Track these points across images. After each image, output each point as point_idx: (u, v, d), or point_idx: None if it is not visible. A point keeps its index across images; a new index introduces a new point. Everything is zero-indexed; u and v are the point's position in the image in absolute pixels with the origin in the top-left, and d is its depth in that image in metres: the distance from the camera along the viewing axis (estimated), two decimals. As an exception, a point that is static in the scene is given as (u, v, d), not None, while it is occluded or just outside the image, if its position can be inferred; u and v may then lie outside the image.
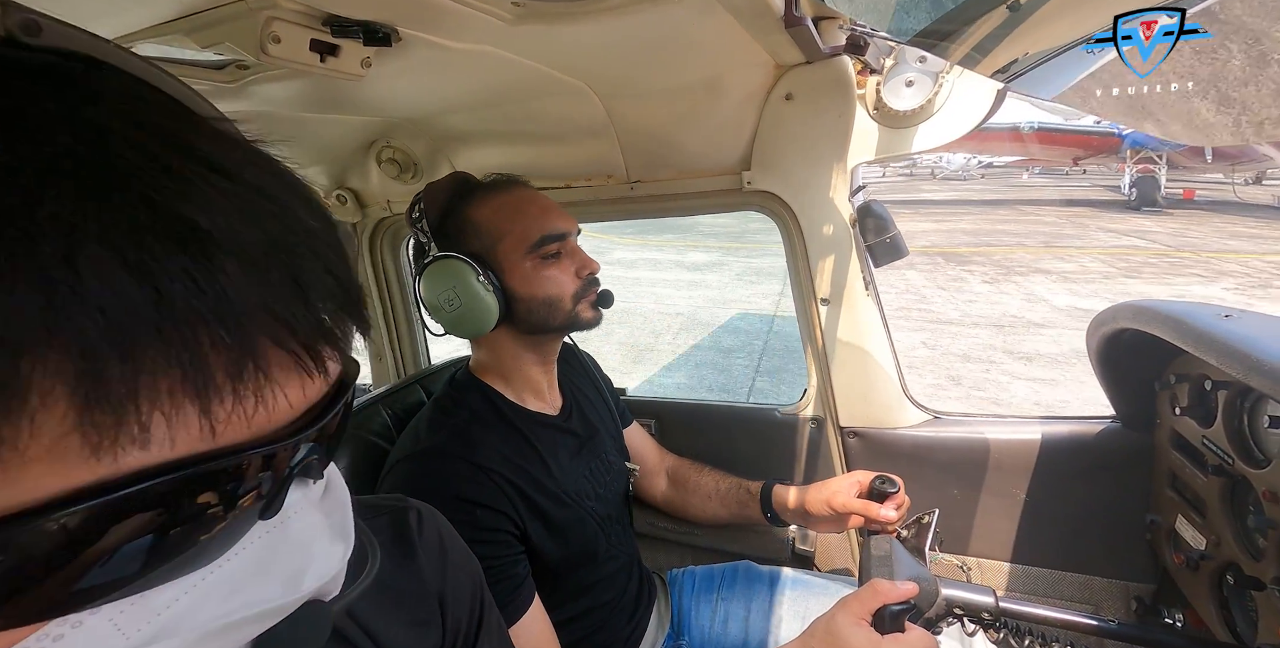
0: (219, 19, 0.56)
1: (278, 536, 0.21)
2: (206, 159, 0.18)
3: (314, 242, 0.20)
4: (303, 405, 0.21)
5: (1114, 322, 0.81)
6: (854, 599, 0.55)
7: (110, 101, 0.18)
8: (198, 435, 0.17)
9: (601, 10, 0.64)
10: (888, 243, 1.00)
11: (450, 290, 0.73)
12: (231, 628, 0.19)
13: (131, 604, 0.18)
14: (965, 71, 0.87)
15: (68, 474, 0.15)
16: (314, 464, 0.22)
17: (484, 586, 0.45)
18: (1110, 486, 0.96)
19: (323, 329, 0.20)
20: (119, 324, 0.15)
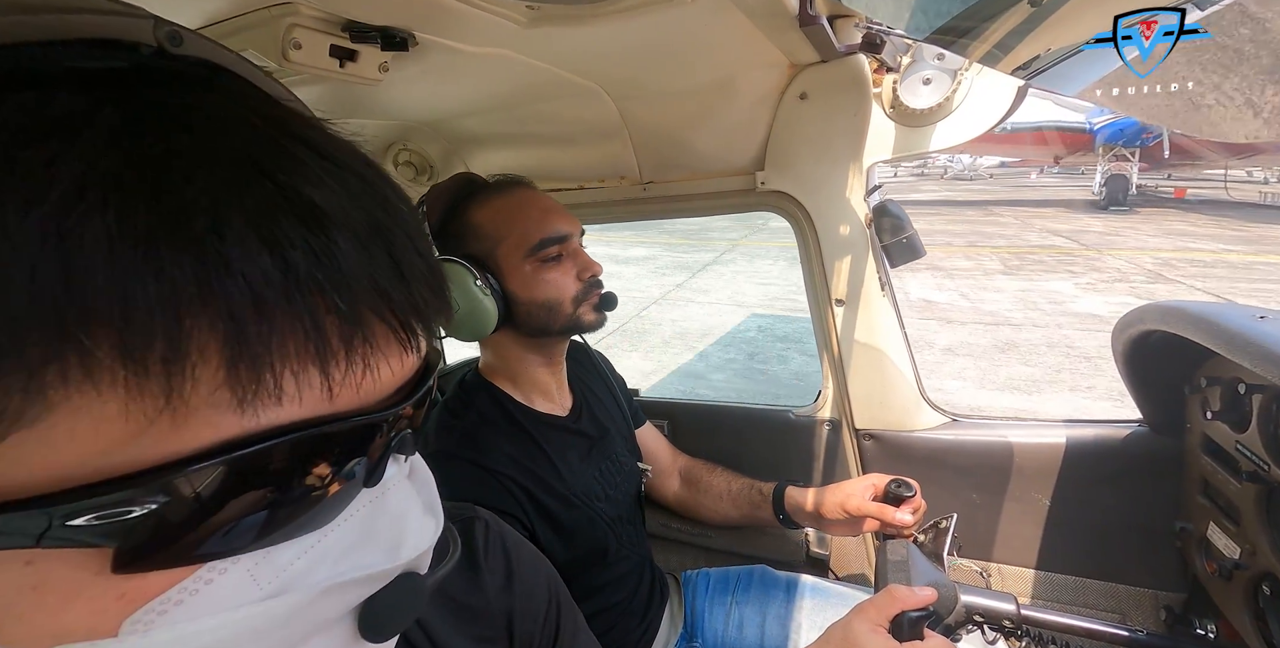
0: (242, 27, 0.58)
1: (379, 506, 0.23)
2: (316, 147, 0.21)
3: (404, 223, 0.22)
4: (399, 380, 0.23)
5: (1141, 323, 0.79)
6: (870, 605, 0.54)
7: (238, 98, 0.21)
8: (320, 397, 0.19)
9: (615, 12, 0.65)
10: (904, 243, 0.99)
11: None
12: (342, 589, 0.21)
13: (264, 558, 0.20)
14: (985, 68, 0.86)
15: (220, 426, 0.18)
16: (408, 439, 0.24)
17: (559, 591, 0.45)
18: (1137, 491, 0.94)
19: (414, 304, 0.22)
20: (257, 290, 0.17)
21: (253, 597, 0.19)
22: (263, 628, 0.19)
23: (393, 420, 0.22)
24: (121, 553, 0.17)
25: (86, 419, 0.16)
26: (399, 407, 0.22)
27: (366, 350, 0.20)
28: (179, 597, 0.18)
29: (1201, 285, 6.11)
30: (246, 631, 0.19)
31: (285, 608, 0.20)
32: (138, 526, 0.17)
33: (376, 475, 0.23)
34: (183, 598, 0.18)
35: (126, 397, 0.16)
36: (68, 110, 0.17)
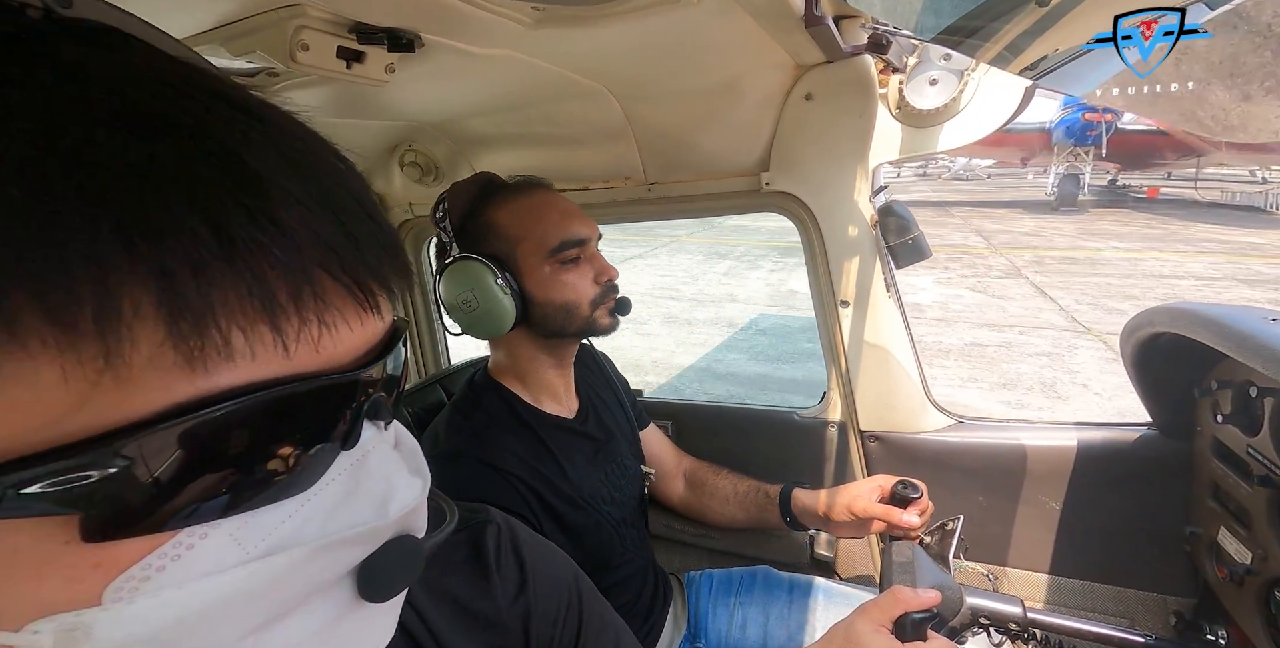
0: (251, 28, 0.58)
1: (360, 468, 0.23)
2: (238, 105, 0.20)
3: (346, 183, 0.22)
4: (365, 343, 0.23)
5: (1150, 326, 0.78)
6: (874, 606, 0.54)
7: (142, 56, 0.20)
8: (275, 354, 0.19)
9: (620, 13, 0.65)
10: (910, 244, 0.98)
11: (469, 291, 0.73)
12: (333, 548, 0.21)
13: (247, 522, 0.20)
14: (992, 68, 0.85)
15: (172, 389, 0.17)
16: (381, 402, 0.24)
17: (579, 587, 0.45)
18: (1146, 495, 0.93)
19: (367, 263, 0.22)
20: (185, 244, 0.17)
21: (238, 559, 0.19)
22: (256, 589, 0.19)
23: (361, 383, 0.23)
24: (88, 521, 0.17)
25: (25, 387, 0.16)
26: (364, 369, 0.22)
27: (319, 307, 0.20)
28: (160, 563, 0.18)
29: (1040, 279, 6.66)
30: (239, 593, 0.19)
31: (276, 569, 0.20)
32: (98, 492, 0.17)
33: (353, 439, 0.23)
34: (164, 564, 0.18)
35: (62, 360, 0.16)
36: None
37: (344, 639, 0.23)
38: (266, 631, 0.20)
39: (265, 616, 0.20)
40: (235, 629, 0.19)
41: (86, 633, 0.17)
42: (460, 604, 0.38)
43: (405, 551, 0.24)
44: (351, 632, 0.23)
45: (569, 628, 0.43)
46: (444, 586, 0.38)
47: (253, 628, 0.20)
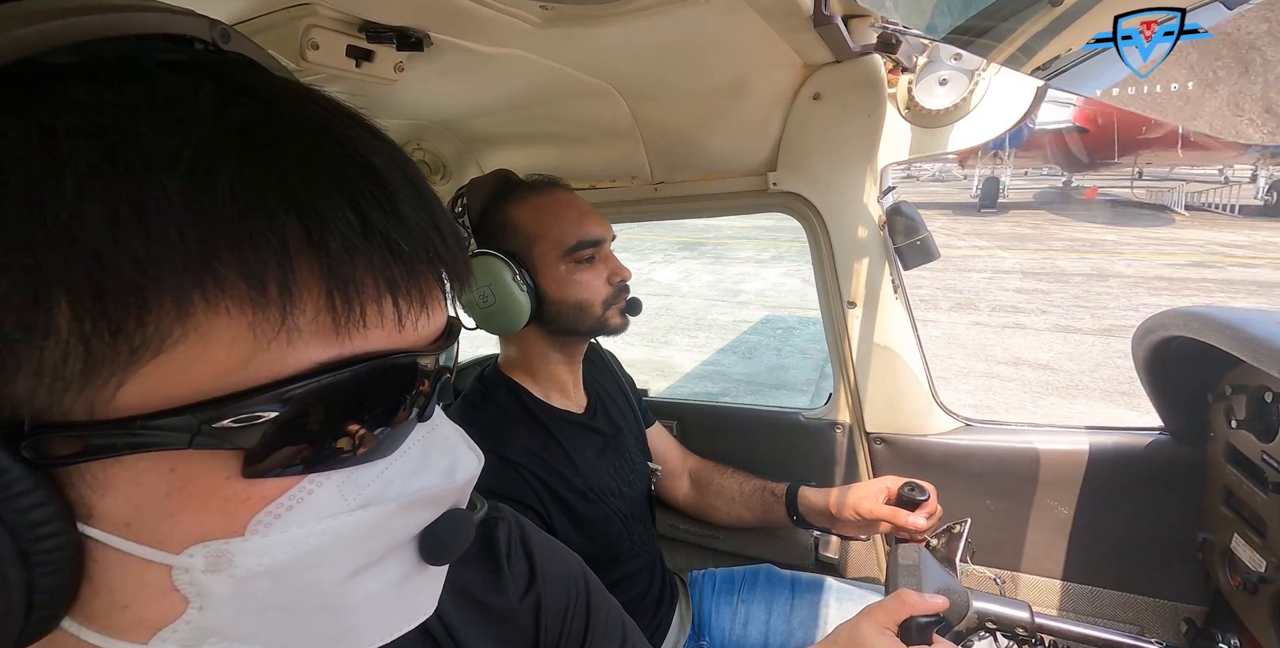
0: (261, 27, 0.59)
1: (432, 438, 0.27)
2: (359, 121, 0.25)
3: (427, 185, 0.26)
4: (439, 328, 0.26)
5: (1162, 329, 0.77)
6: (879, 608, 0.54)
7: (292, 82, 0.25)
8: (392, 328, 0.23)
9: (628, 12, 0.65)
10: (918, 245, 0.98)
11: (486, 287, 0.74)
12: (412, 506, 0.24)
13: (349, 477, 0.23)
14: (1003, 68, 0.84)
15: (324, 349, 0.21)
16: (448, 383, 0.28)
17: (587, 584, 0.46)
18: (1157, 500, 0.91)
19: (451, 256, 0.25)
20: (343, 234, 0.21)
21: (341, 509, 0.22)
22: (352, 537, 0.22)
23: (436, 363, 0.26)
24: (250, 459, 0.20)
25: (222, 341, 0.19)
26: (443, 349, 0.26)
27: (422, 290, 0.24)
28: (289, 503, 0.21)
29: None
30: (341, 538, 0.22)
31: (370, 519, 0.23)
32: (264, 433, 0.20)
33: (429, 410, 0.26)
34: (291, 505, 0.21)
35: (252, 318, 0.19)
36: (177, 89, 0.20)
37: (406, 598, 0.26)
38: (356, 578, 0.23)
39: (357, 563, 0.23)
40: (335, 572, 0.22)
41: (229, 560, 0.20)
42: (473, 598, 0.40)
43: (461, 520, 0.27)
44: (412, 592, 0.26)
45: (577, 621, 0.44)
46: (457, 579, 0.40)
47: (348, 573, 0.23)
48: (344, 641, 0.23)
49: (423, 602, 0.27)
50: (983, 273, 7.08)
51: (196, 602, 0.21)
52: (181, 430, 0.19)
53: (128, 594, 0.20)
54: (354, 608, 0.23)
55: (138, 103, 0.19)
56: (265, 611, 0.21)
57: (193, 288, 0.19)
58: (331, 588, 0.22)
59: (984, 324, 5.06)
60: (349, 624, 0.23)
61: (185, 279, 0.19)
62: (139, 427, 0.19)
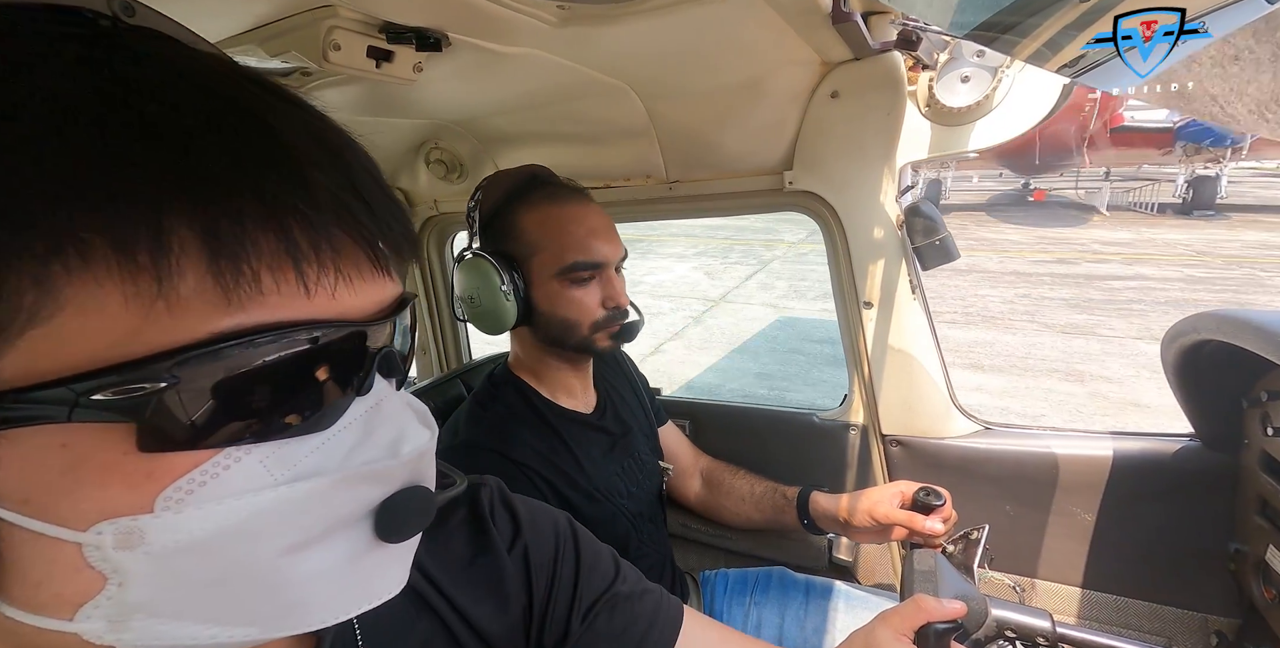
0: (286, 29, 0.60)
1: (375, 414, 0.26)
2: (269, 88, 0.24)
3: (358, 156, 0.25)
4: (377, 301, 0.26)
5: (1194, 332, 0.74)
6: (895, 614, 0.53)
7: (190, 50, 0.24)
8: (298, 296, 0.22)
9: (645, 11, 0.65)
10: (937, 245, 0.96)
11: (474, 289, 0.75)
12: (353, 482, 0.24)
13: (274, 451, 0.23)
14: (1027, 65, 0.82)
15: (212, 320, 0.20)
16: (393, 357, 0.27)
17: (572, 529, 0.47)
18: (1187, 509, 0.89)
19: (378, 225, 0.24)
20: (229, 198, 0.20)
21: (267, 483, 0.22)
22: (284, 512, 0.22)
23: (373, 334, 0.25)
24: (143, 433, 0.20)
25: (95, 313, 0.19)
26: (378, 322, 0.25)
27: (335, 257, 0.23)
28: (202, 479, 0.21)
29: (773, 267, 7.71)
30: (269, 513, 0.22)
31: (301, 495, 0.22)
32: (151, 405, 0.20)
33: (367, 385, 0.26)
34: (205, 480, 0.21)
35: (123, 288, 0.19)
36: (40, 47, 0.20)
37: (362, 577, 0.25)
38: (295, 554, 0.23)
39: (293, 539, 0.23)
40: (268, 548, 0.22)
41: (141, 536, 0.20)
42: (464, 562, 0.41)
43: (418, 497, 0.26)
44: (368, 571, 0.25)
45: (567, 566, 0.45)
46: (448, 548, 0.41)
47: (283, 549, 0.22)
48: (289, 617, 0.23)
49: (384, 581, 0.26)
50: None
51: (115, 578, 0.20)
52: (58, 403, 0.19)
53: (39, 572, 0.20)
54: (297, 584, 0.23)
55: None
56: (194, 586, 0.21)
57: (50, 258, 0.18)
58: (267, 564, 0.22)
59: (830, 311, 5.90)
60: (292, 600, 0.23)
61: (40, 249, 0.18)
62: (11, 400, 0.18)
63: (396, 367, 0.28)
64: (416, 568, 0.38)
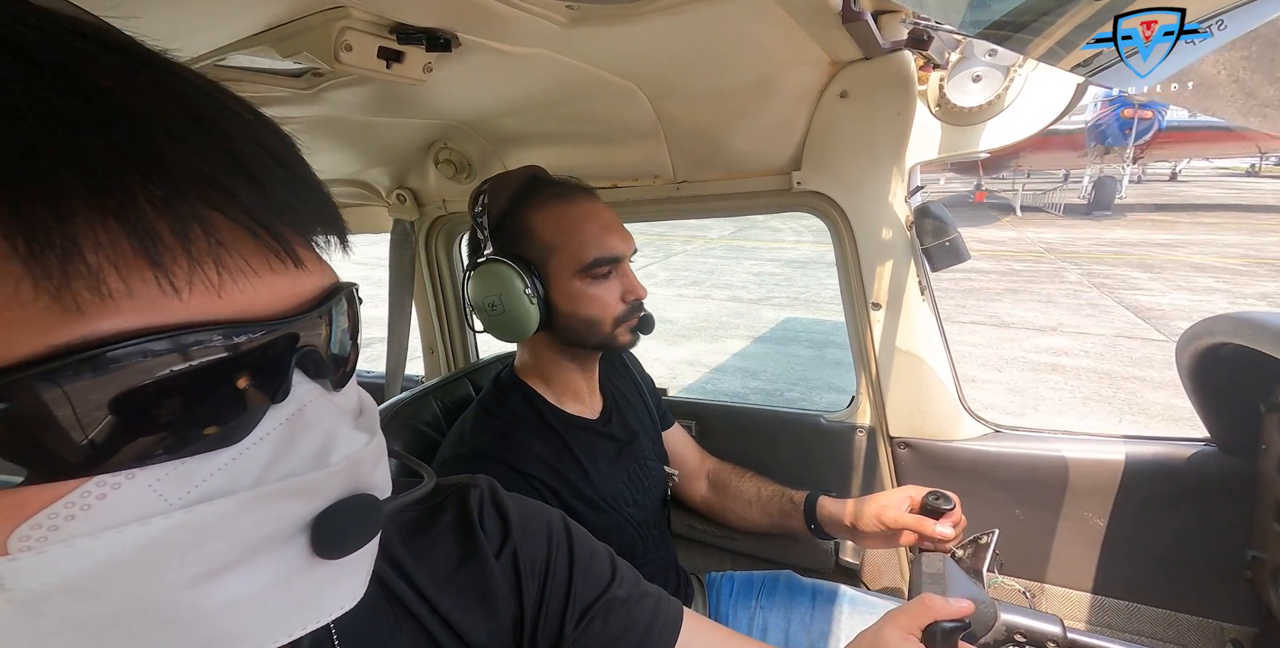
0: (298, 30, 0.60)
1: (297, 422, 0.23)
2: (114, 45, 0.20)
3: (252, 128, 0.22)
4: (289, 296, 0.22)
5: (1210, 335, 0.73)
6: (902, 613, 0.52)
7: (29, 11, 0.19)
8: (164, 297, 0.19)
9: (654, 11, 0.65)
10: (947, 246, 0.95)
11: (496, 295, 0.74)
12: (271, 499, 0.21)
13: (170, 472, 0.20)
14: (1040, 64, 0.82)
15: (47, 332, 0.17)
16: (316, 357, 0.24)
17: (566, 531, 0.45)
18: (1202, 515, 0.87)
19: (277, 209, 0.21)
20: (44, 179, 0.16)
21: (159, 509, 0.19)
22: (188, 539, 0.19)
23: (284, 336, 0.22)
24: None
25: None
26: (286, 322, 0.22)
27: (215, 249, 0.19)
28: (68, 512, 0.18)
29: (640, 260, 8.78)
30: (167, 542, 0.19)
31: (206, 518, 0.19)
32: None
33: (282, 391, 0.23)
34: (73, 513, 0.18)
35: None
36: None
37: (303, 597, 0.22)
38: (209, 583, 0.20)
39: (204, 567, 0.20)
40: (172, 580, 0.19)
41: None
42: (450, 567, 0.39)
43: (361, 507, 0.24)
44: (311, 589, 0.23)
45: (560, 568, 0.42)
46: (434, 553, 0.39)
47: (191, 579, 0.20)
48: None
49: (334, 596, 0.24)
50: (756, 261, 8.32)
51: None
52: None
53: None
54: (214, 615, 0.20)
55: None
56: (83, 629, 0.18)
57: None
58: (173, 598, 0.19)
59: (683, 296, 6.57)
60: (213, 632, 0.20)
61: None
62: None
63: (324, 366, 0.25)
64: (400, 574, 0.37)
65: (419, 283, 1.46)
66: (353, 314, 0.27)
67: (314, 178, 0.24)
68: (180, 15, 0.54)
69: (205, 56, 0.63)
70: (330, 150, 1.12)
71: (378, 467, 0.26)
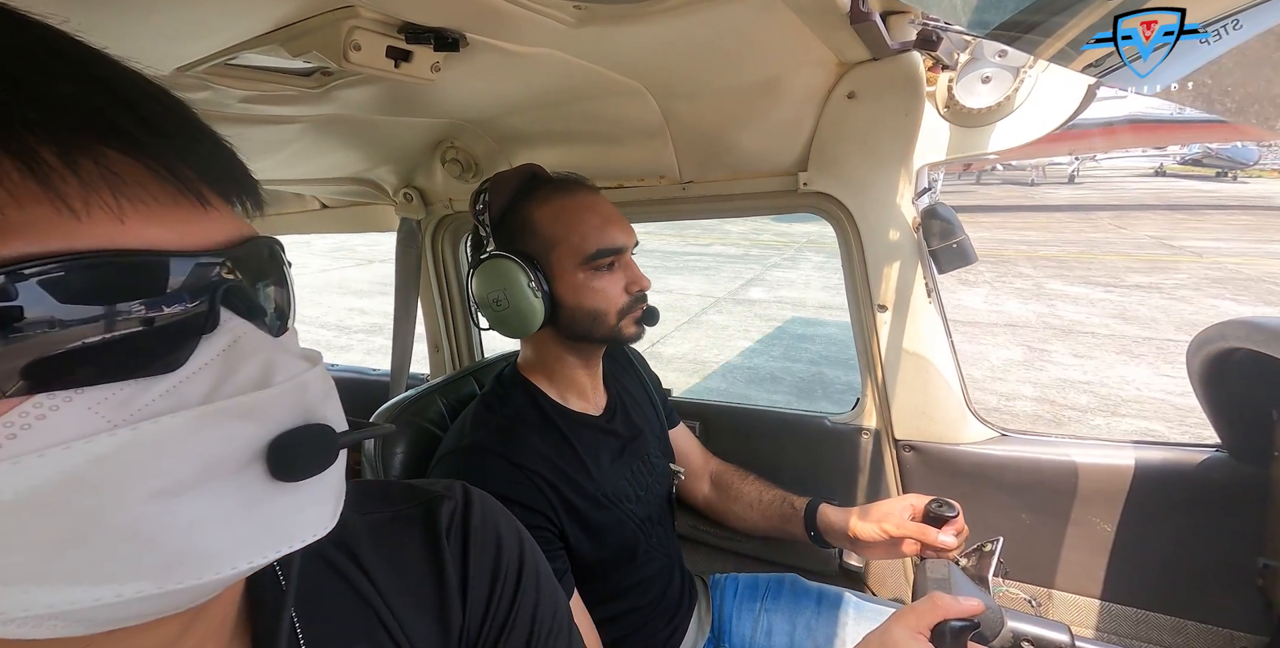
0: (308, 30, 0.61)
1: (234, 352, 0.24)
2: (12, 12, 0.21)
3: (132, 77, 0.23)
4: (201, 236, 0.24)
5: (1222, 340, 0.72)
6: (911, 612, 0.52)
7: None
8: (63, 220, 0.20)
9: (662, 11, 0.65)
10: (954, 248, 0.94)
11: (500, 291, 0.74)
12: (218, 419, 0.22)
13: (110, 396, 0.21)
14: (1051, 65, 0.81)
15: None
16: (243, 292, 0.25)
17: (520, 557, 0.45)
18: (1213, 522, 0.86)
19: (178, 151, 0.22)
20: None
21: (102, 428, 0.20)
22: (137, 458, 0.20)
23: (201, 268, 0.23)
24: None
25: None
26: (199, 255, 0.23)
27: (109, 176, 0.20)
28: (9, 431, 0.19)
29: None
30: (117, 460, 0.20)
31: (151, 436, 0.21)
32: None
33: (210, 323, 0.24)
34: (15, 433, 0.19)
35: None
36: None
37: (269, 521, 0.24)
38: (168, 500, 0.21)
39: (159, 484, 0.21)
40: (126, 496, 0.20)
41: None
42: (412, 579, 0.39)
43: (316, 435, 0.25)
44: (277, 514, 0.24)
45: (504, 603, 0.42)
46: (398, 559, 0.40)
47: (147, 496, 0.21)
48: (181, 567, 0.21)
49: (301, 523, 0.25)
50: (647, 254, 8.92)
51: None
52: None
53: None
54: (179, 533, 0.21)
55: None
56: (44, 546, 0.19)
57: None
58: (132, 513, 0.20)
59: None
60: (179, 548, 0.21)
61: None
62: None
63: (255, 307, 0.26)
64: (361, 570, 0.37)
65: (425, 281, 1.47)
66: (275, 265, 0.28)
67: (215, 135, 0.26)
68: (191, 14, 0.55)
69: (216, 55, 0.63)
70: (338, 149, 1.13)
71: (328, 399, 0.27)
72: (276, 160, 1.08)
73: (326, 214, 1.57)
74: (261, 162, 1.09)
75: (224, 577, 0.23)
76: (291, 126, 0.93)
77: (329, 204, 1.55)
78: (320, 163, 1.19)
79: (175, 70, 0.65)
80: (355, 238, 11.35)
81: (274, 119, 0.88)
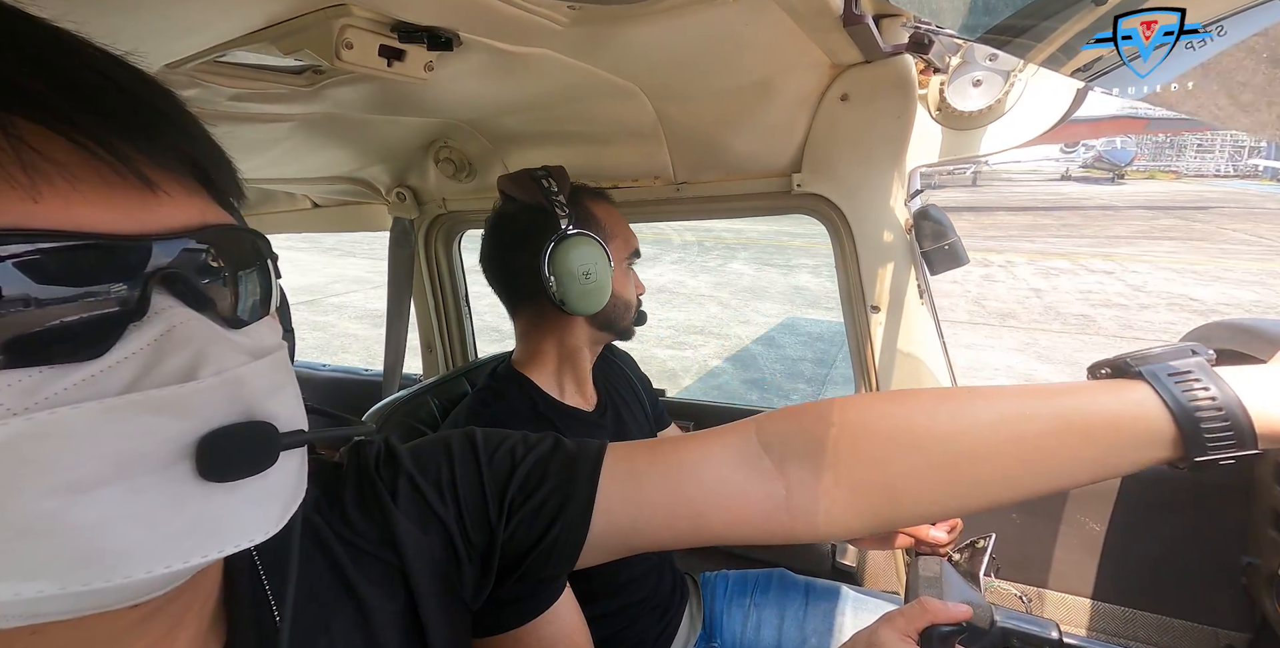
0: (299, 28, 0.60)
1: (165, 343, 0.23)
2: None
3: (87, 57, 0.22)
4: (145, 219, 0.23)
5: (1206, 342, 0.73)
6: (900, 615, 0.52)
7: None
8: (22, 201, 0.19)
9: (656, 12, 0.65)
10: (946, 250, 0.95)
11: (592, 264, 0.77)
12: (133, 410, 0.21)
13: (10, 385, 0.20)
14: (1040, 69, 0.82)
15: None
16: (185, 280, 0.24)
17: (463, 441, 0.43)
18: (1198, 521, 0.87)
19: (118, 130, 0.21)
20: None
21: (3, 416, 0.19)
22: (33, 450, 0.19)
23: (135, 253, 0.22)
24: None
25: None
26: (129, 240, 0.22)
27: (24, 150, 0.19)
28: None
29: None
30: (9, 450, 0.19)
31: (49, 428, 0.19)
32: None
33: (141, 309, 0.22)
34: None
35: None
36: None
37: (199, 521, 0.22)
38: (76, 496, 0.20)
39: (62, 479, 0.20)
40: (22, 489, 0.19)
41: None
42: (352, 529, 0.38)
43: (250, 432, 0.23)
44: (205, 517, 0.23)
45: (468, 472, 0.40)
46: (341, 498, 0.39)
47: (47, 490, 0.19)
48: (93, 566, 0.20)
49: (234, 528, 0.23)
50: None
51: None
52: None
53: None
54: (86, 530, 0.20)
55: None
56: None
57: None
58: (28, 508, 0.19)
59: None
60: (91, 548, 0.20)
61: None
62: None
63: (201, 296, 0.24)
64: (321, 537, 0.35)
65: (418, 281, 1.46)
66: (244, 255, 0.27)
67: (187, 116, 0.24)
68: (180, 11, 0.54)
69: (206, 53, 0.63)
70: (330, 148, 1.12)
71: (274, 395, 0.26)
72: (267, 158, 1.07)
73: (318, 213, 1.56)
74: (252, 160, 1.08)
75: (142, 580, 0.21)
76: (282, 125, 0.93)
77: (320, 203, 1.54)
78: (312, 161, 1.18)
79: (164, 67, 0.64)
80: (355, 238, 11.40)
81: (265, 117, 0.87)
